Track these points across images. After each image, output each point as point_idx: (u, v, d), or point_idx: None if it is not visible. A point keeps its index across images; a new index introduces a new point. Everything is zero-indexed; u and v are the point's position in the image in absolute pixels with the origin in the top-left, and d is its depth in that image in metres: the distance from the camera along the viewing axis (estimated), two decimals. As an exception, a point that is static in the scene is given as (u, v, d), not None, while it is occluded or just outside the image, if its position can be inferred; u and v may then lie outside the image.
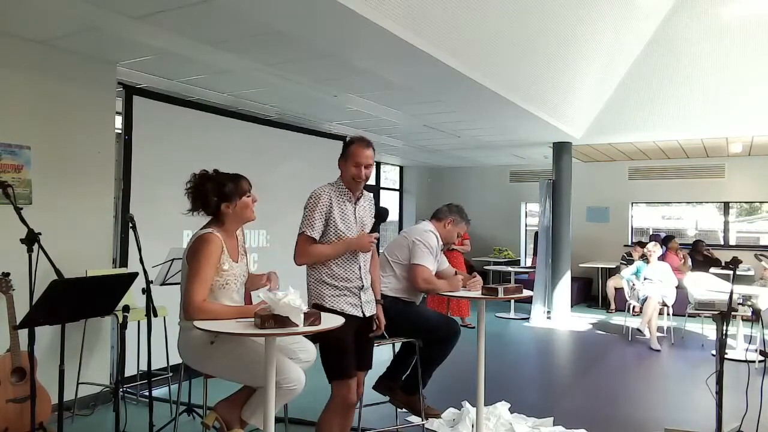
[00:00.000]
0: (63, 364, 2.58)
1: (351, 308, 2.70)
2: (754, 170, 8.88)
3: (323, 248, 2.66)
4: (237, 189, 2.52)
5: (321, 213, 2.65)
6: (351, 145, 2.75)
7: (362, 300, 2.75)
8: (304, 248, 2.65)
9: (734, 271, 3.13)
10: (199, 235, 2.45)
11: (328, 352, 2.64)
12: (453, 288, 3.20)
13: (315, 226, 2.63)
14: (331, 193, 2.70)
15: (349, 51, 3.95)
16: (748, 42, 6.05)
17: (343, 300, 2.68)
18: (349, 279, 2.70)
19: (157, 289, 3.22)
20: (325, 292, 2.67)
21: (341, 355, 2.63)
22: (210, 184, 2.50)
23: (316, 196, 2.67)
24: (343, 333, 2.49)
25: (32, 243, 2.44)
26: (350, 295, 2.70)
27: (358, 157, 2.70)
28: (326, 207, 2.66)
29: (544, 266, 8.04)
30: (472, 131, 7.20)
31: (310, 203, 2.67)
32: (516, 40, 4.80)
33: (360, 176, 2.71)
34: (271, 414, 2.20)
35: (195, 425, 3.66)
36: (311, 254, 2.65)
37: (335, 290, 2.67)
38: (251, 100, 5.41)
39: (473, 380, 3.24)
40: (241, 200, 2.53)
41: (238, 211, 2.53)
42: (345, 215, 2.71)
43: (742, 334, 5.83)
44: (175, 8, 3.13)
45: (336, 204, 2.69)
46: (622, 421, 3.94)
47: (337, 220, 2.67)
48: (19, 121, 3.65)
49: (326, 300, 2.65)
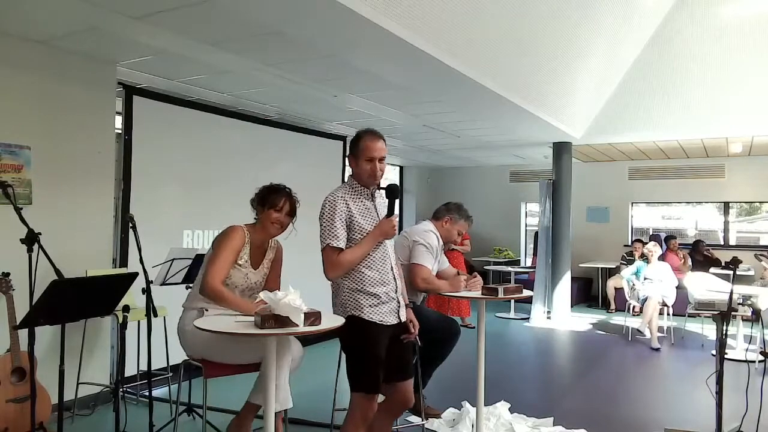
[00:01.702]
0: (63, 364, 2.59)
1: (390, 317, 2.53)
2: (754, 170, 8.88)
3: (351, 253, 2.44)
4: (268, 199, 2.75)
5: (341, 220, 2.45)
6: (360, 139, 2.55)
7: (400, 303, 2.60)
8: (333, 260, 2.43)
9: (734, 271, 3.13)
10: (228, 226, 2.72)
11: (357, 362, 2.47)
12: (455, 288, 3.16)
13: (338, 235, 2.43)
14: (345, 196, 2.51)
15: (349, 51, 3.95)
16: (748, 42, 6.05)
17: (383, 308, 2.50)
18: (385, 282, 2.52)
19: (157, 289, 3.22)
20: (363, 302, 2.46)
21: (372, 368, 2.44)
22: (264, 188, 2.80)
23: (332, 204, 2.47)
24: (378, 344, 2.43)
25: (32, 243, 2.44)
26: (389, 300, 2.53)
27: (371, 151, 2.51)
28: (344, 212, 2.46)
29: (544, 266, 8.04)
30: (472, 131, 7.20)
31: (326, 212, 2.46)
32: (516, 40, 4.80)
33: (375, 171, 2.53)
34: (271, 415, 2.20)
35: (195, 425, 3.67)
36: (341, 264, 2.43)
37: (374, 299, 2.48)
38: (251, 100, 5.41)
39: (473, 380, 3.24)
40: (266, 212, 2.75)
41: (262, 221, 2.78)
42: (367, 213, 2.53)
43: (742, 334, 5.83)
44: (175, 8, 3.13)
45: (354, 205, 2.51)
46: (622, 421, 3.94)
47: (360, 220, 2.49)
48: (19, 121, 3.65)
49: (365, 311, 2.45)
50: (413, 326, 2.65)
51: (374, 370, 2.45)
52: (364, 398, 2.45)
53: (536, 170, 10.54)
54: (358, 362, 2.47)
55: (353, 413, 2.48)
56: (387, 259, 2.57)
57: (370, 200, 2.59)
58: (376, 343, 2.43)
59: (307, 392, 2.60)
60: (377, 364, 2.45)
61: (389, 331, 2.51)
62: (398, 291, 2.60)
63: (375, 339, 2.41)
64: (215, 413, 3.58)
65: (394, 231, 2.56)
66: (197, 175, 4.88)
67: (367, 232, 2.48)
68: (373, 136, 2.55)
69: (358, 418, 2.47)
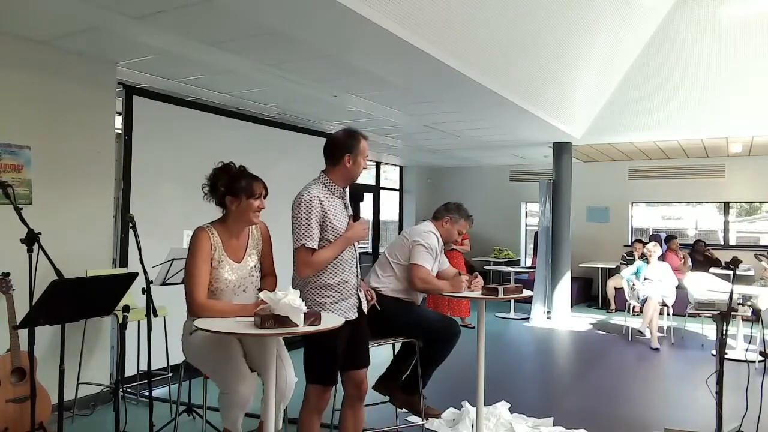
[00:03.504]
0: (63, 364, 2.58)
1: (350, 312, 2.61)
2: (754, 170, 8.88)
3: (325, 253, 2.49)
4: (247, 188, 2.53)
5: (316, 220, 2.48)
6: (361, 140, 2.64)
7: (360, 298, 2.70)
8: (307, 260, 2.47)
9: (734, 271, 3.13)
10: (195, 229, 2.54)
11: (315, 354, 2.56)
12: (456, 288, 3.17)
13: (313, 235, 2.46)
14: (321, 196, 2.52)
15: (349, 51, 3.95)
16: (748, 42, 6.06)
17: (344, 304, 2.59)
18: (348, 280, 2.60)
19: (157, 289, 3.21)
20: (326, 299, 2.54)
21: (328, 361, 2.55)
22: (224, 175, 2.57)
23: (308, 203, 2.48)
24: (336, 338, 2.45)
25: (32, 243, 2.44)
26: (350, 296, 2.62)
27: (366, 151, 2.66)
28: (319, 212, 2.49)
29: (544, 266, 8.04)
30: (472, 131, 7.20)
31: (302, 211, 2.47)
32: (516, 40, 4.80)
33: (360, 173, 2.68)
34: (271, 415, 2.20)
35: (195, 425, 3.67)
36: (314, 264, 2.48)
37: (336, 294, 2.56)
38: (251, 100, 5.41)
39: (473, 380, 3.24)
40: (247, 200, 2.54)
41: (241, 211, 2.55)
42: (338, 213, 2.57)
43: (742, 334, 5.83)
44: (175, 8, 3.13)
45: (327, 204, 2.53)
46: (622, 421, 3.94)
47: (333, 221, 2.53)
48: (19, 121, 3.65)
49: (327, 307, 2.52)
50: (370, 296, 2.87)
51: (331, 364, 2.56)
52: (319, 389, 2.57)
53: (536, 170, 10.54)
54: (316, 355, 2.56)
55: (308, 403, 2.59)
56: (353, 258, 2.67)
57: (341, 199, 2.65)
58: (334, 339, 2.45)
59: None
60: (334, 358, 2.56)
61: (348, 325, 2.54)
62: (358, 287, 2.71)
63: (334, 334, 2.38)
64: (215, 413, 3.56)
65: (366, 233, 2.65)
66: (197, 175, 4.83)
67: (339, 231, 2.55)
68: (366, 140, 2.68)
69: (312, 407, 2.58)
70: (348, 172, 2.62)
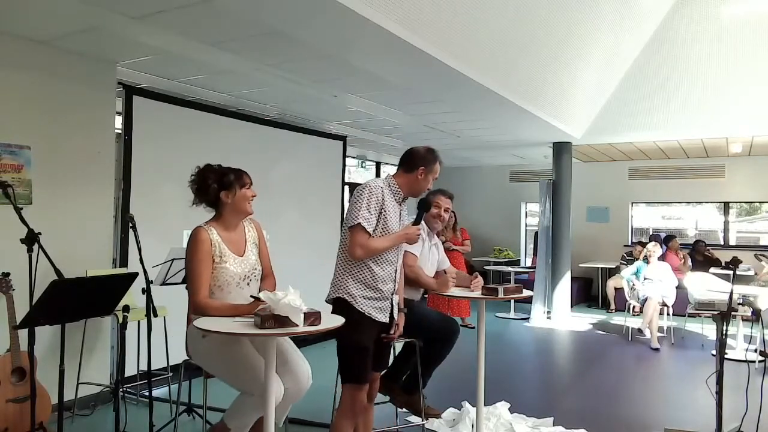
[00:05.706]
0: (63, 364, 2.58)
1: (379, 314, 2.61)
2: (754, 170, 8.88)
3: (380, 242, 2.53)
4: (237, 180, 2.60)
5: (376, 207, 2.53)
6: (438, 162, 2.73)
7: (392, 303, 2.68)
8: (363, 241, 2.49)
9: (734, 271, 3.13)
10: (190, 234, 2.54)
11: (348, 355, 2.58)
12: (441, 288, 3.14)
13: (371, 219, 2.51)
14: (384, 189, 2.61)
15: (349, 51, 3.95)
16: (748, 42, 6.06)
17: (374, 304, 2.59)
18: (386, 281, 2.61)
19: (157, 289, 3.22)
20: (357, 293, 2.55)
21: (361, 361, 2.56)
22: (212, 174, 2.60)
23: (371, 189, 2.55)
24: (367, 338, 2.53)
25: (32, 243, 2.44)
26: (383, 299, 2.62)
27: (437, 173, 2.73)
28: (380, 202, 2.55)
29: (544, 266, 8.04)
30: (472, 131, 7.20)
31: (365, 195, 2.53)
32: (516, 40, 4.80)
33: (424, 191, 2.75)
34: (271, 415, 2.20)
35: (195, 425, 3.67)
36: (368, 248, 2.50)
37: (371, 292, 2.57)
38: (251, 100, 5.41)
39: (473, 380, 3.24)
40: (241, 191, 2.59)
41: (236, 202, 2.59)
42: (393, 214, 2.63)
43: (742, 334, 5.83)
44: (175, 8, 3.13)
45: (388, 200, 2.60)
46: (622, 421, 3.94)
47: (388, 217, 2.57)
48: (19, 121, 3.65)
49: (357, 301, 2.54)
50: (397, 329, 2.73)
51: (364, 360, 2.57)
52: (354, 389, 2.57)
53: (536, 170, 10.54)
54: (353, 355, 2.56)
55: (343, 404, 2.60)
56: (396, 260, 2.68)
57: (398, 205, 2.71)
58: (365, 335, 2.50)
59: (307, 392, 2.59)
60: (366, 354, 2.56)
61: (378, 327, 2.62)
62: (395, 293, 2.69)
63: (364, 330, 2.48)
64: (215, 413, 3.57)
65: (417, 238, 2.67)
66: (197, 175, 4.87)
67: (391, 229, 2.58)
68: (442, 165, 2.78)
69: (347, 408, 2.59)
70: (415, 184, 2.70)
